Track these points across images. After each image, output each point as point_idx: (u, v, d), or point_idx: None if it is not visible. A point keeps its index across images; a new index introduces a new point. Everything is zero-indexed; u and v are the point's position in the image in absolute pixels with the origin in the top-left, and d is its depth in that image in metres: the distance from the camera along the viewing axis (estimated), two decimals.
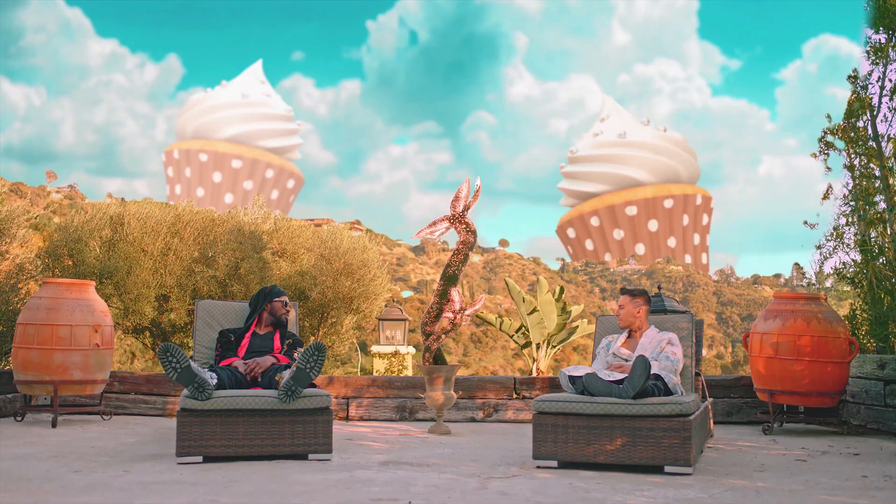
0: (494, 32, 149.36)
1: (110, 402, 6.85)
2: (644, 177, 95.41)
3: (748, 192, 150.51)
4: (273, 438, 4.54)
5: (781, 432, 6.19)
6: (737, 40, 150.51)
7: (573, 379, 4.56)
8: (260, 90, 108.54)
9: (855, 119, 6.77)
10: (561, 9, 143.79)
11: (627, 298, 5.00)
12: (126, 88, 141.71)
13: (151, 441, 5.32)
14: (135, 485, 3.78)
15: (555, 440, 4.35)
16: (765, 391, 6.17)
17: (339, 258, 9.07)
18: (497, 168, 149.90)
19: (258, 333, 5.27)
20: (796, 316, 6.05)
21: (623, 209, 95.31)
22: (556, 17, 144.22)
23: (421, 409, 6.88)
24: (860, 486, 3.91)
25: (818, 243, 7.02)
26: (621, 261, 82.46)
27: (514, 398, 6.92)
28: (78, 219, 8.81)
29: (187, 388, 4.43)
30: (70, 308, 6.07)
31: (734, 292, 67.42)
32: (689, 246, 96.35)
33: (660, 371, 4.59)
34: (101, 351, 6.16)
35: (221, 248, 8.86)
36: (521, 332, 9.01)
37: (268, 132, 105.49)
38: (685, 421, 4.19)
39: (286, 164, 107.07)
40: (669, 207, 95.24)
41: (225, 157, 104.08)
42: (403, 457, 4.75)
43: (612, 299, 66.97)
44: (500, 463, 4.56)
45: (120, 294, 8.46)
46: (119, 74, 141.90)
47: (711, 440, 5.51)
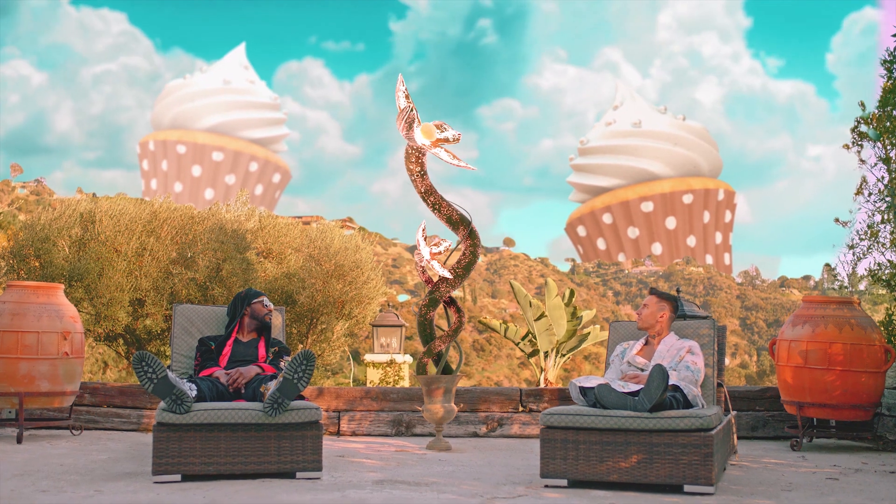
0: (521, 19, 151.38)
1: (80, 416, 6.85)
2: (661, 170, 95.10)
3: (803, 185, 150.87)
4: (258, 455, 4.54)
5: (811, 448, 6.19)
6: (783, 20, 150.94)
7: (584, 390, 4.56)
8: (243, 76, 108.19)
9: (891, 107, 6.77)
10: None
11: (654, 299, 5.03)
12: None
13: (125, 458, 5.32)
14: None
15: (564, 457, 4.35)
16: (793, 403, 6.17)
17: (330, 259, 9.07)
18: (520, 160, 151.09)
19: (241, 341, 5.27)
20: (827, 321, 6.05)
21: (638, 205, 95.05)
22: None
23: (419, 424, 6.88)
24: None
25: (850, 242, 7.02)
26: (636, 261, 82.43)
27: (521, 411, 6.92)
28: (45, 216, 8.82)
29: (164, 400, 4.43)
30: (37, 313, 6.07)
31: (760, 296, 67.49)
32: (710, 245, 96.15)
33: (679, 382, 4.59)
34: (70, 360, 6.16)
35: (201, 248, 8.86)
36: (527, 339, 9.01)
37: (252, 122, 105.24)
38: (706, 436, 4.19)
39: (272, 157, 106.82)
40: (689, 203, 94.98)
41: (205, 149, 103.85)
42: (399, 475, 4.75)
43: (626, 303, 67.04)
44: (505, 482, 4.56)
45: (91, 298, 8.46)
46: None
47: (735, 457, 5.51)
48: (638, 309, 5.13)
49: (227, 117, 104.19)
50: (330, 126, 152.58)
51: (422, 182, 5.93)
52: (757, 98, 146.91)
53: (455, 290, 6.04)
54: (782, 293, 69.49)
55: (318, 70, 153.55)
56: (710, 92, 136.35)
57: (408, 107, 5.77)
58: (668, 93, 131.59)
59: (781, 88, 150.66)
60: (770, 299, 66.19)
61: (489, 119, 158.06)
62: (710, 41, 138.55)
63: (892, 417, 6.36)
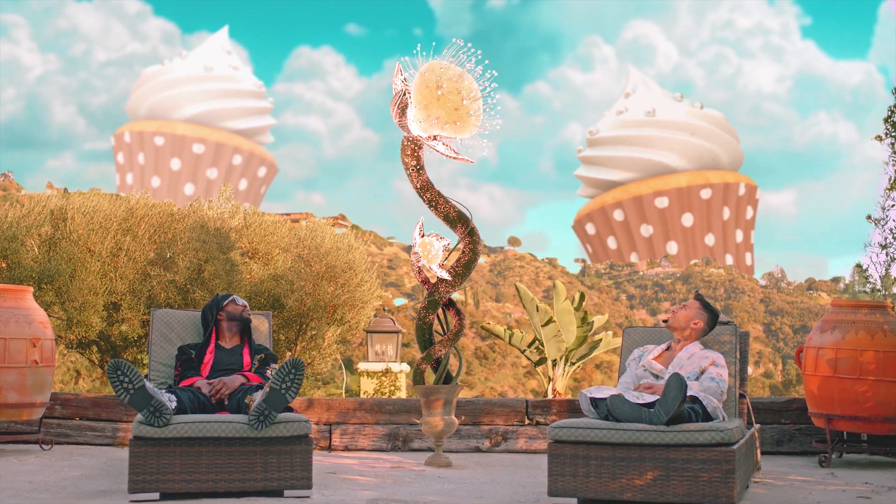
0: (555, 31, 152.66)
1: (51, 429, 6.85)
2: (677, 162, 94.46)
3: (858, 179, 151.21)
4: (242, 472, 4.54)
5: (840, 464, 6.20)
6: None
7: (596, 402, 4.56)
8: (226, 61, 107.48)
9: None
10: None
11: (698, 305, 5.05)
12: None
13: (99, 475, 5.32)
14: None
15: (574, 474, 4.35)
16: (821, 416, 6.17)
17: (320, 260, 9.07)
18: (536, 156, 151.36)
19: (224, 347, 5.27)
20: (858, 327, 6.06)
21: (652, 200, 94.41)
22: None
23: (416, 438, 6.89)
24: None
25: (883, 241, 7.02)
26: (652, 262, 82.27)
27: (527, 424, 6.93)
28: (12, 213, 8.81)
29: (141, 412, 4.43)
30: (3, 318, 6.07)
31: (785, 300, 67.56)
32: (730, 244, 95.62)
33: (698, 393, 4.58)
34: (39, 369, 6.16)
35: (182, 248, 8.86)
36: (534, 346, 9.01)
37: (235, 111, 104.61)
38: (728, 451, 4.19)
39: (256, 149, 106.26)
40: (707, 198, 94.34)
41: (185, 141, 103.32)
42: (396, 493, 4.75)
43: (640, 307, 67.08)
44: (510, 501, 4.56)
45: (62, 302, 8.46)
46: None
47: (758, 473, 5.51)
48: (675, 306, 5.16)
49: (208, 106, 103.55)
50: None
51: (417, 177, 5.92)
52: (815, 82, 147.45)
53: (455, 291, 6.04)
54: (810, 296, 69.56)
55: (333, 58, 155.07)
56: (766, 74, 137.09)
57: (401, 91, 5.73)
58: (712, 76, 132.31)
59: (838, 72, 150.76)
60: (797, 303, 66.24)
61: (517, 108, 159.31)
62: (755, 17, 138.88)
63: None
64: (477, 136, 5.79)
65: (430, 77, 5.58)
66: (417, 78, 5.61)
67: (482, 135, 5.77)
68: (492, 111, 5.77)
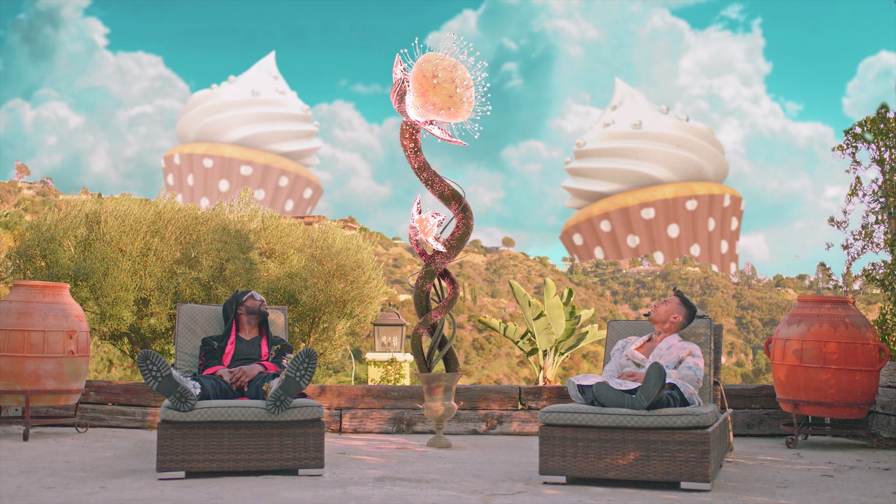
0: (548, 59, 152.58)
1: (86, 414, 6.85)
2: (663, 174, 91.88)
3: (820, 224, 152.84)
4: (260, 452, 4.54)
5: (806, 445, 6.19)
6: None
7: (583, 388, 4.57)
8: (272, 86, 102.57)
9: (885, 110, 6.78)
10: None
11: (677, 301, 5.08)
12: None
13: (130, 455, 5.32)
14: (112, 502, 3.78)
15: (563, 454, 4.35)
16: (788, 401, 6.17)
17: (332, 259, 9.07)
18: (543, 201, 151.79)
19: (244, 339, 5.27)
20: (822, 321, 6.06)
21: (638, 211, 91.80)
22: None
23: (419, 421, 6.88)
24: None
25: (845, 243, 7.02)
26: (634, 261, 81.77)
27: (520, 409, 6.92)
28: (51, 217, 8.81)
29: (168, 398, 4.43)
30: (43, 312, 6.07)
31: (755, 295, 67.48)
32: (715, 254, 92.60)
33: (676, 381, 4.59)
34: (76, 358, 6.16)
35: (205, 249, 8.86)
36: (526, 338, 9.01)
37: (281, 134, 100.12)
38: (703, 433, 4.19)
39: (302, 171, 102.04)
40: (693, 210, 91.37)
41: (232, 163, 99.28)
42: (400, 472, 4.75)
43: (623, 302, 67.01)
44: (505, 479, 4.56)
45: (96, 297, 8.46)
46: None
47: (731, 454, 5.51)
48: (656, 301, 5.18)
49: (255, 130, 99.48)
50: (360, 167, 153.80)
51: (415, 158, 5.92)
52: (777, 140, 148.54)
53: (450, 262, 6.04)
54: (778, 292, 69.48)
55: (348, 112, 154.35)
56: (731, 133, 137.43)
57: (400, 79, 5.71)
58: None
59: (801, 131, 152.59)
60: (766, 299, 66.17)
61: (515, 161, 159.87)
62: (731, 84, 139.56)
63: (886, 415, 6.36)
64: (469, 121, 5.76)
65: (426, 67, 5.56)
66: (415, 68, 5.59)
67: (474, 120, 5.74)
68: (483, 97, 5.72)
